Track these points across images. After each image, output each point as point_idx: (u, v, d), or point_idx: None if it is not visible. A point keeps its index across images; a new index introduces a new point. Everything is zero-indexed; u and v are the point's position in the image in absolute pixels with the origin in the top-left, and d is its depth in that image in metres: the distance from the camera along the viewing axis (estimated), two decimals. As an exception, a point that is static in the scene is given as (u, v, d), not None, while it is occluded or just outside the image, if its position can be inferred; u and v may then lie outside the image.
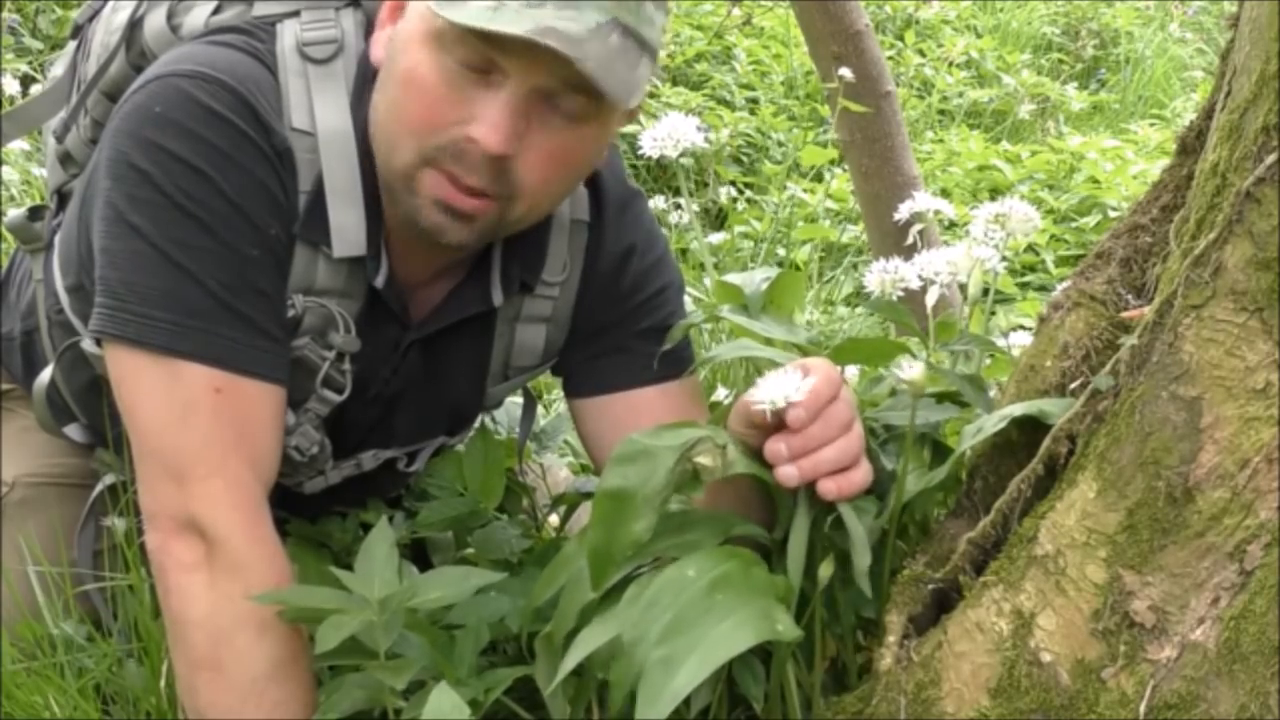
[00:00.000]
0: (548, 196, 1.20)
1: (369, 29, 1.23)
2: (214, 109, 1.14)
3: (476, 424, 1.52)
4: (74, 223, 1.30)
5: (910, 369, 1.08)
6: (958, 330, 1.28)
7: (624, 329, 1.35)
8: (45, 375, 1.41)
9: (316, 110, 1.19)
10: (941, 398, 1.24)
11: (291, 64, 1.20)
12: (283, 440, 1.22)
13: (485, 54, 1.09)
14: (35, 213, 1.45)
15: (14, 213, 1.46)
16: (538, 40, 1.05)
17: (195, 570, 1.13)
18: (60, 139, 1.40)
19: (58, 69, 1.47)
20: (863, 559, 1.04)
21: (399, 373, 1.33)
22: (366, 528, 1.36)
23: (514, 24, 1.05)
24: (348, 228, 1.20)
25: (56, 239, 1.38)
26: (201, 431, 1.13)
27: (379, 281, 1.23)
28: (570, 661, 0.99)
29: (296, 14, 1.23)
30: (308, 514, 1.42)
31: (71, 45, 1.44)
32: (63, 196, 1.43)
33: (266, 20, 1.24)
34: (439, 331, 1.31)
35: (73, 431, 1.46)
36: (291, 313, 1.20)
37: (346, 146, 1.19)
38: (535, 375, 1.44)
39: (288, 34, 1.22)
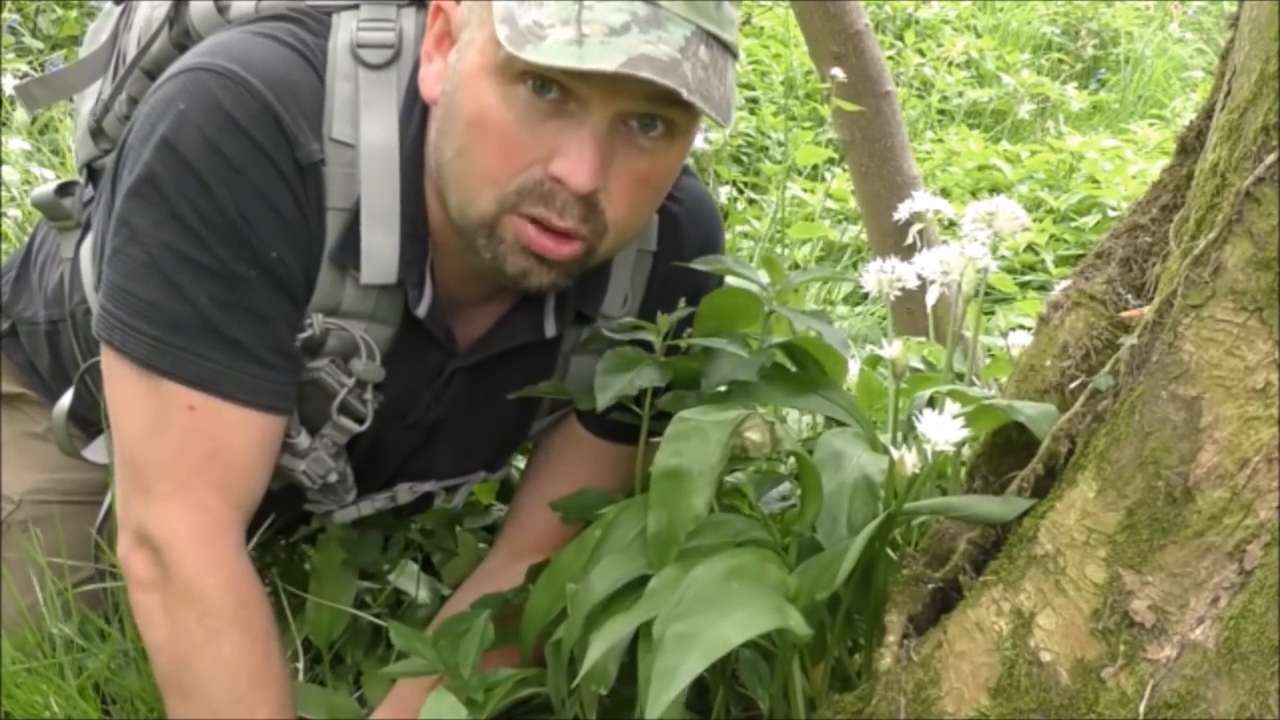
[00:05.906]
0: (633, 226, 1.12)
1: None
2: (234, 118, 1.06)
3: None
4: (102, 209, 1.24)
5: (890, 348, 1.07)
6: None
7: None
8: (65, 401, 1.36)
9: (362, 122, 1.11)
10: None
11: (342, 65, 1.12)
12: (269, 468, 1.16)
13: (563, 84, 1.02)
14: (65, 189, 1.39)
15: (42, 188, 1.40)
16: (633, 74, 0.97)
17: (151, 590, 1.11)
18: (100, 120, 1.33)
19: (99, 34, 1.39)
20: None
21: (441, 399, 1.25)
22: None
23: (603, 59, 0.97)
24: (381, 254, 1.12)
25: (94, 220, 1.30)
26: (170, 448, 1.10)
27: (421, 311, 1.16)
28: (593, 655, 0.97)
29: (356, 7, 1.15)
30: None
31: (115, 11, 1.36)
32: (93, 171, 1.37)
33: (323, 9, 1.15)
34: (487, 359, 1.24)
35: (93, 453, 1.37)
36: (309, 333, 1.13)
37: (390, 166, 1.11)
38: None
39: (343, 30, 1.13)
